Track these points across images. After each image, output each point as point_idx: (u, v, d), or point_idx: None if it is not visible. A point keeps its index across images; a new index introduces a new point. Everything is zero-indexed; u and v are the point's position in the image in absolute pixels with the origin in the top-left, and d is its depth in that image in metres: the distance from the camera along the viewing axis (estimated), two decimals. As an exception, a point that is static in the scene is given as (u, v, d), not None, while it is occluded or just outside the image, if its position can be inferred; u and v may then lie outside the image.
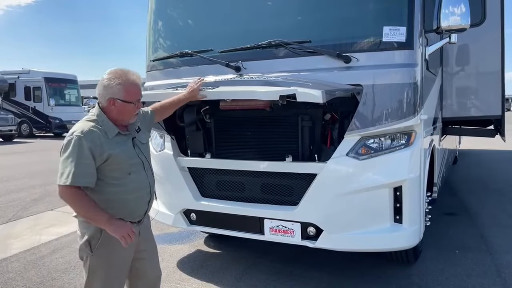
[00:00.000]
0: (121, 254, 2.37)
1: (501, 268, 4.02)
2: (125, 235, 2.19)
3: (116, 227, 2.20)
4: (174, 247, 4.86)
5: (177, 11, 4.29)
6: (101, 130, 2.27)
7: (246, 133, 3.78)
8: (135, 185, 2.37)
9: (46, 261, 4.46)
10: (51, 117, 22.25)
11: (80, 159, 2.18)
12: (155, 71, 4.26)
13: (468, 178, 8.61)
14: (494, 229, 5.20)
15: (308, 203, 3.37)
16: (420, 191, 3.45)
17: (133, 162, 2.38)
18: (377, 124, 3.22)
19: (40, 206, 6.85)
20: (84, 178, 2.19)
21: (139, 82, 2.38)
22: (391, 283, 3.76)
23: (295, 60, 3.43)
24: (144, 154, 2.48)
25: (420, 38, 3.29)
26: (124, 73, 2.32)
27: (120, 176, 2.32)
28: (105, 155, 2.24)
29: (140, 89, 2.40)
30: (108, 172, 2.28)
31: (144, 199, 2.45)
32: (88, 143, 2.19)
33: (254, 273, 4.04)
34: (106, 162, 2.25)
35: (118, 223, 2.23)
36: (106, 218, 2.21)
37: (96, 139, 2.22)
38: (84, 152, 2.18)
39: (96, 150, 2.21)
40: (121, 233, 2.19)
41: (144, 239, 2.55)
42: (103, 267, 2.35)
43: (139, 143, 2.47)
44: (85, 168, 2.18)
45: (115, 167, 2.29)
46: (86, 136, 2.20)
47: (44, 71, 23.27)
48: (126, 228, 2.22)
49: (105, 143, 2.25)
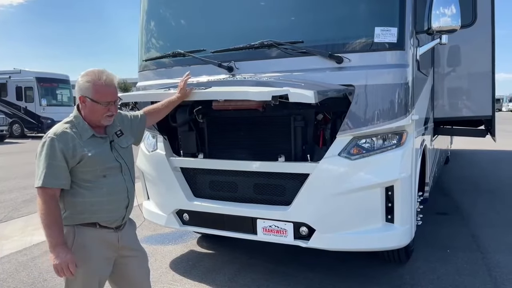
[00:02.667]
0: (96, 261, 2.31)
1: (492, 267, 4.06)
2: (59, 268, 2.13)
3: (56, 254, 2.13)
4: (167, 247, 4.84)
5: (169, 11, 4.28)
6: (76, 132, 2.26)
7: (238, 133, 3.79)
8: (110, 188, 2.32)
9: (37, 262, 4.43)
10: (42, 117, 22.11)
11: (52, 160, 2.17)
12: (147, 71, 4.25)
13: (460, 178, 8.68)
14: (485, 229, 5.24)
15: (301, 203, 3.38)
16: (412, 191, 3.47)
17: (109, 166, 2.34)
18: (369, 124, 3.24)
19: (32, 207, 6.79)
20: (55, 180, 2.17)
21: (111, 84, 2.32)
22: (383, 282, 3.78)
23: (287, 60, 3.44)
24: (124, 158, 2.43)
25: (411, 39, 3.32)
26: (97, 72, 2.29)
27: (93, 179, 2.28)
28: (78, 157, 2.22)
29: (113, 92, 2.33)
30: (81, 174, 2.26)
31: (121, 203, 2.38)
32: (61, 144, 2.19)
33: (247, 273, 4.04)
34: (79, 164, 2.23)
35: (61, 253, 2.14)
36: (55, 242, 2.14)
37: (69, 141, 2.21)
38: (56, 154, 2.17)
39: (68, 152, 2.19)
40: (56, 262, 2.12)
41: (127, 246, 2.46)
42: (80, 274, 2.26)
43: (118, 147, 2.42)
44: (57, 169, 2.17)
45: (88, 169, 2.26)
46: (58, 138, 2.20)
47: (35, 71, 23.11)
48: (64, 261, 2.13)
49: (78, 145, 2.23)
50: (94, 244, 2.30)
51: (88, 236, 2.29)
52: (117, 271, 2.46)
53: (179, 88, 3.13)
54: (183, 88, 3.11)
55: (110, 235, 2.37)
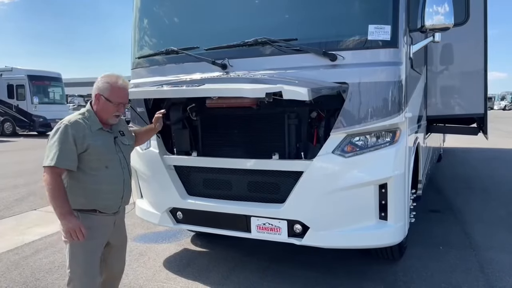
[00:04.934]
0: (98, 240, 2.64)
1: (484, 264, 4.09)
2: (72, 232, 2.42)
3: (67, 221, 2.42)
4: (160, 246, 4.83)
5: (163, 8, 4.25)
6: (87, 124, 2.58)
7: (232, 131, 3.78)
8: (110, 179, 2.63)
9: (29, 262, 4.40)
10: (34, 115, 21.85)
11: (65, 144, 2.47)
12: (140, 69, 4.23)
13: (452, 176, 8.73)
14: (477, 226, 5.28)
15: (295, 200, 3.38)
16: (405, 188, 3.48)
17: (111, 157, 2.65)
18: (363, 122, 3.25)
19: (24, 206, 6.74)
20: (66, 162, 2.47)
21: (125, 88, 2.69)
22: (376, 279, 3.79)
23: (281, 58, 3.43)
24: (124, 153, 2.75)
25: (404, 36, 3.33)
26: (116, 77, 2.66)
27: (98, 167, 2.58)
28: (86, 144, 2.51)
29: (125, 95, 2.68)
30: (87, 162, 2.55)
31: (118, 193, 2.70)
32: (73, 131, 2.49)
33: (241, 271, 4.04)
34: (86, 152, 2.52)
35: (71, 220, 2.43)
36: (65, 211, 2.43)
37: (80, 129, 2.53)
38: (68, 139, 2.47)
39: (78, 139, 2.50)
40: (68, 229, 2.42)
41: (117, 230, 2.80)
42: (82, 251, 2.57)
43: (121, 143, 2.75)
44: (68, 153, 2.47)
45: (93, 158, 2.55)
46: (72, 125, 2.52)
47: (27, 69, 22.82)
48: (75, 227, 2.42)
49: (88, 135, 2.54)
50: (98, 226, 2.62)
51: (92, 220, 2.59)
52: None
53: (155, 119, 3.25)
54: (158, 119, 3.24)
55: (108, 219, 2.69)
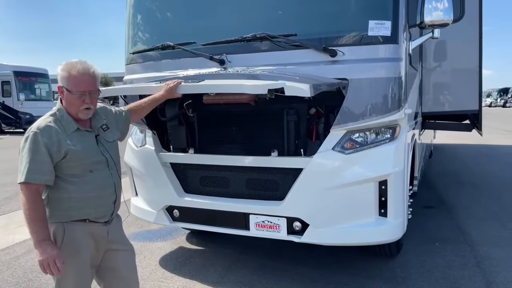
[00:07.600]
0: (87, 253, 2.30)
1: (481, 259, 4.12)
2: (45, 263, 2.07)
3: (42, 250, 2.07)
4: (156, 244, 4.76)
5: (158, 1, 4.17)
6: (60, 126, 2.21)
7: (230, 128, 3.72)
8: (97, 183, 2.29)
9: (21, 261, 4.30)
10: (21, 112, 21.50)
11: (36, 155, 2.11)
12: (134, 64, 4.14)
13: (443, 172, 8.80)
14: (470, 221, 5.33)
15: (294, 198, 3.35)
16: (404, 185, 3.48)
17: (96, 160, 2.31)
18: (363, 118, 3.23)
19: (13, 205, 6.61)
20: (39, 175, 2.11)
21: (85, 73, 2.24)
22: (374, 276, 3.79)
23: (280, 53, 3.39)
24: (110, 153, 2.40)
25: (404, 32, 3.31)
26: (74, 62, 2.26)
27: (80, 174, 2.24)
28: (63, 151, 2.17)
29: (86, 81, 2.25)
30: (66, 170, 2.21)
31: (108, 198, 2.36)
32: (44, 139, 2.14)
33: (238, 269, 4.00)
34: (64, 159, 2.18)
35: (47, 248, 2.09)
36: (41, 238, 2.09)
37: (53, 135, 2.16)
38: (40, 149, 2.12)
39: (52, 147, 2.15)
40: (42, 258, 2.07)
41: (116, 239, 2.46)
42: (71, 265, 2.22)
43: (104, 141, 2.39)
44: (40, 165, 2.12)
45: (74, 164, 2.22)
46: (42, 132, 2.15)
47: (13, 65, 22.49)
48: (51, 256, 2.07)
49: (63, 139, 2.18)
50: (84, 237, 2.28)
51: (78, 230, 2.26)
52: (106, 264, 2.44)
53: (167, 86, 3.05)
54: (172, 88, 3.04)
55: (100, 228, 2.35)
